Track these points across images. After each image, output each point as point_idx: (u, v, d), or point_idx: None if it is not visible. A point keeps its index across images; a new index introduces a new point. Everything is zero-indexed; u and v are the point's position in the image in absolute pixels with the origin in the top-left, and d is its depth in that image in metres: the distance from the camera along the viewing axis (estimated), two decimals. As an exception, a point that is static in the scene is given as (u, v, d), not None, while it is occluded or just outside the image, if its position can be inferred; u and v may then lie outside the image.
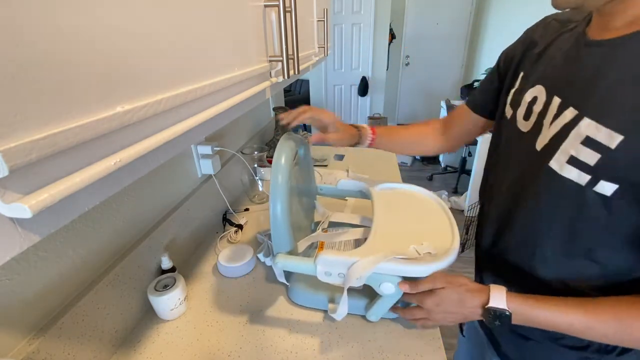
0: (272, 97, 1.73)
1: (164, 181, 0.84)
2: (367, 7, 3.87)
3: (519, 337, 0.59)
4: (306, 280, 0.76)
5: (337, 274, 0.60)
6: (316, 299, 0.75)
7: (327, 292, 0.74)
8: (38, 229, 0.20)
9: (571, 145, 0.43)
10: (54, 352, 0.53)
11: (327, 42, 1.00)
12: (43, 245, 0.52)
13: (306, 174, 0.83)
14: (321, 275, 0.62)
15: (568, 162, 0.44)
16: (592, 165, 0.41)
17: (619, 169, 0.40)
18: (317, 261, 0.61)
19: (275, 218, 0.63)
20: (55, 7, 0.19)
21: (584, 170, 0.42)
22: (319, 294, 0.74)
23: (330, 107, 4.46)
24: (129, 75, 0.24)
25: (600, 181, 0.41)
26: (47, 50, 0.18)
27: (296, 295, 0.77)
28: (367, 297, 0.72)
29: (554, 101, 0.47)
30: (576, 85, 0.45)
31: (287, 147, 0.66)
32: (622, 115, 0.39)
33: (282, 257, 0.64)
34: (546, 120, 0.48)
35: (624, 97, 0.39)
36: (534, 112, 0.51)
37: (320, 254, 0.61)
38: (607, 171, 0.41)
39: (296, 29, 0.55)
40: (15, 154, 0.17)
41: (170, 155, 0.32)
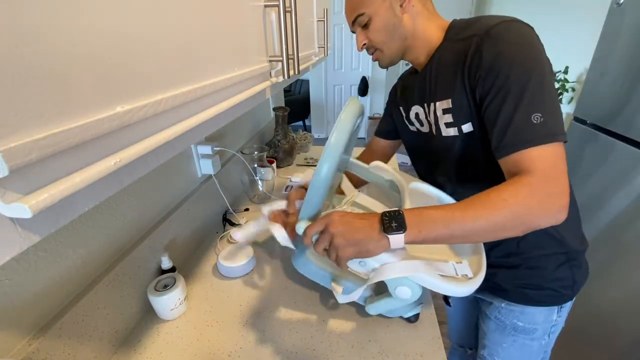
0: (272, 97, 1.73)
1: (164, 181, 0.84)
2: (367, 7, 3.86)
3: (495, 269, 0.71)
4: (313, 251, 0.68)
5: (359, 261, 0.58)
6: (321, 274, 0.71)
7: (335, 271, 0.70)
8: (38, 229, 0.20)
9: (441, 118, 0.66)
10: (54, 352, 0.53)
11: (327, 42, 1.00)
12: (43, 245, 0.52)
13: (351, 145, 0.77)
14: (354, 263, 0.59)
15: (447, 127, 0.66)
16: (452, 121, 0.64)
17: (462, 113, 0.62)
18: None
19: (318, 179, 0.58)
20: (55, 7, 0.19)
21: (452, 126, 0.65)
22: (326, 270, 0.70)
23: (330, 107, 4.46)
24: (129, 75, 0.24)
25: (462, 126, 0.63)
26: (47, 51, 0.18)
27: (301, 264, 0.71)
28: (371, 290, 0.70)
29: (426, 107, 0.71)
30: (425, 93, 0.71)
31: (353, 111, 0.61)
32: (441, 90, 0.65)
33: (305, 224, 0.59)
34: (430, 117, 0.71)
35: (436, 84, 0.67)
36: (422, 119, 0.74)
37: None
38: (459, 118, 0.63)
39: (296, 29, 0.55)
40: (15, 154, 0.17)
41: (170, 155, 0.32)
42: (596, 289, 1.16)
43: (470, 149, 0.66)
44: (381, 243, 0.52)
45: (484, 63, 0.56)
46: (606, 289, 1.13)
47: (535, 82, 0.52)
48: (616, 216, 1.11)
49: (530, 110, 0.52)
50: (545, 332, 0.77)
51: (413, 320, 0.72)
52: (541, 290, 0.72)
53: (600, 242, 1.17)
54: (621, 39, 1.13)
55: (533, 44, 0.54)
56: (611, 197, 1.13)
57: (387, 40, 0.67)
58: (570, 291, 0.73)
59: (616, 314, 1.10)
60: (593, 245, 1.19)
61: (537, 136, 0.52)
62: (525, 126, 0.52)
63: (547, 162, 0.52)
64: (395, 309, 0.69)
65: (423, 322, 0.72)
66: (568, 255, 0.71)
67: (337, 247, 0.53)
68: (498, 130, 0.55)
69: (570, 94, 2.27)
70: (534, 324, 0.75)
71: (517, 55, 0.54)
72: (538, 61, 0.54)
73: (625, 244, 1.07)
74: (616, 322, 1.10)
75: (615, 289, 1.11)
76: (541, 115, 0.52)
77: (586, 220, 1.23)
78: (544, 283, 0.71)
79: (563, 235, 0.68)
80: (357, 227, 0.53)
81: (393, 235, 0.51)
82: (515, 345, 0.79)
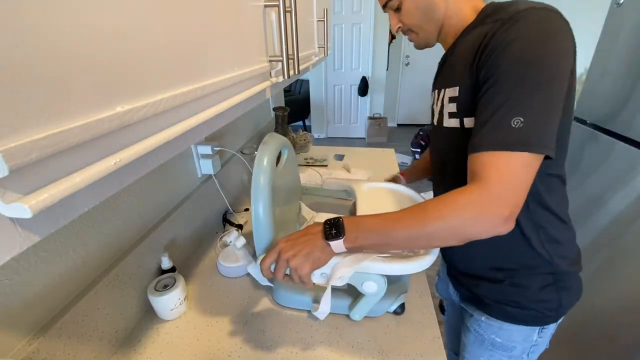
0: (272, 97, 1.73)
1: (164, 181, 0.84)
2: (367, 7, 3.87)
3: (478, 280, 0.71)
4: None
5: (320, 273, 0.60)
6: (300, 299, 0.74)
7: (312, 293, 0.74)
8: (38, 229, 0.20)
9: (446, 107, 0.63)
10: (54, 352, 0.53)
11: (327, 42, 1.00)
12: (43, 245, 0.52)
13: (291, 174, 0.83)
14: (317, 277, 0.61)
15: (449, 117, 0.63)
16: (456, 111, 0.61)
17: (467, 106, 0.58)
18: None
19: (257, 219, 0.63)
20: (54, 7, 0.19)
21: (454, 117, 0.61)
22: (304, 294, 0.74)
23: (330, 107, 4.46)
24: (129, 75, 0.24)
25: (464, 119, 0.59)
26: (47, 51, 0.18)
27: (280, 297, 0.76)
28: (350, 297, 0.72)
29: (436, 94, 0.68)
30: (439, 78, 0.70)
31: (269, 148, 0.67)
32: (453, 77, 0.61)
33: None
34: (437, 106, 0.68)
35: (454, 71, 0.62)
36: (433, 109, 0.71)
37: None
38: (463, 110, 0.59)
39: (296, 29, 0.55)
40: (15, 154, 0.17)
41: (170, 155, 0.32)
42: (596, 289, 1.16)
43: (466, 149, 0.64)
44: (326, 249, 0.55)
45: (491, 49, 0.51)
46: (606, 289, 1.13)
47: (532, 82, 0.48)
48: (616, 216, 1.11)
49: (512, 111, 0.48)
50: (524, 352, 0.73)
51: (399, 312, 0.73)
52: (523, 310, 0.67)
53: (600, 242, 1.17)
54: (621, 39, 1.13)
55: (549, 41, 0.48)
56: (611, 197, 1.13)
57: (421, 22, 0.64)
58: (554, 313, 0.68)
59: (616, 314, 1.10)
60: (593, 245, 1.19)
61: (507, 141, 0.48)
62: (499, 127, 0.48)
63: (505, 171, 0.48)
64: (377, 307, 0.71)
65: (423, 323, 0.72)
66: (556, 276, 0.66)
67: (295, 268, 0.54)
68: (477, 125, 0.52)
69: (570, 94, 2.26)
70: (512, 341, 0.72)
71: (526, 49, 0.48)
72: (547, 61, 0.48)
73: (625, 244, 1.07)
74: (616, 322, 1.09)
75: (615, 289, 1.10)
76: (522, 121, 0.47)
77: (586, 220, 1.23)
78: (526, 302, 0.67)
79: (552, 255, 0.64)
80: (303, 242, 0.55)
81: (333, 241, 0.54)
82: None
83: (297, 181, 0.89)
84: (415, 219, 0.51)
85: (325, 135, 4.63)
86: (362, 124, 4.53)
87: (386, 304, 0.72)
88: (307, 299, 0.74)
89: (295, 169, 0.86)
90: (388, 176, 1.08)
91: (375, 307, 0.70)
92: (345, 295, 0.73)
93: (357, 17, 3.92)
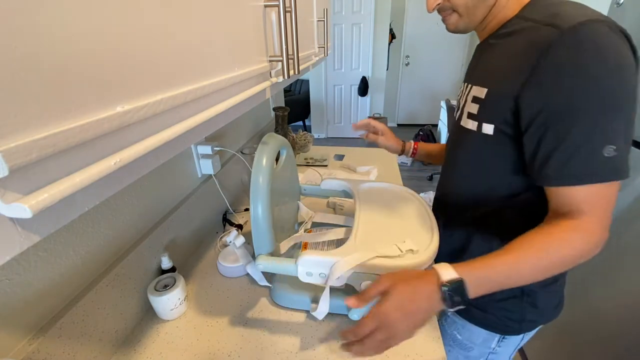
0: (272, 97, 1.73)
1: (164, 181, 0.84)
2: (367, 7, 3.87)
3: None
4: (289, 281, 0.75)
5: (319, 274, 0.60)
6: (299, 300, 0.74)
7: (310, 293, 0.74)
8: (38, 229, 0.20)
9: (467, 106, 0.62)
10: (54, 352, 0.53)
11: (327, 42, 1.00)
12: (43, 245, 0.52)
13: (289, 174, 0.83)
14: (302, 275, 0.62)
15: (468, 117, 0.62)
16: (476, 114, 0.59)
17: (490, 112, 0.57)
18: (299, 262, 0.61)
19: (256, 219, 0.63)
20: (54, 7, 0.19)
21: (473, 119, 0.60)
22: (302, 294, 0.74)
23: (330, 107, 4.46)
24: (129, 75, 0.24)
25: (482, 124, 0.58)
26: (47, 51, 0.18)
27: (279, 297, 0.77)
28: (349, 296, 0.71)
29: (464, 87, 0.66)
30: (471, 71, 0.66)
31: (268, 148, 0.67)
32: (486, 76, 0.59)
33: (263, 259, 0.64)
34: (460, 100, 0.67)
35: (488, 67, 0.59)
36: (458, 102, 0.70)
37: (301, 255, 0.61)
38: (484, 115, 0.58)
39: (296, 29, 0.55)
40: (15, 154, 0.17)
41: (170, 155, 0.32)
42: (596, 289, 1.16)
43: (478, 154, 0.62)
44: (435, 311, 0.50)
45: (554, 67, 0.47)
46: (606, 289, 1.13)
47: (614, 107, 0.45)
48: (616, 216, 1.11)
49: (603, 140, 0.46)
50: (482, 356, 0.74)
51: None
52: (484, 313, 0.68)
53: (600, 242, 1.17)
54: (621, 39, 1.13)
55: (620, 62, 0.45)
56: (611, 197, 1.13)
57: (471, 3, 0.57)
58: (517, 326, 0.67)
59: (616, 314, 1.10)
60: (593, 245, 1.19)
61: (604, 172, 0.47)
62: (593, 158, 0.47)
63: (606, 202, 0.48)
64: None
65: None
66: (524, 289, 0.65)
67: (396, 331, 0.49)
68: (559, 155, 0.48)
69: (570, 94, 2.27)
70: (471, 342, 0.73)
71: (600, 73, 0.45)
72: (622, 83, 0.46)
73: (625, 244, 1.07)
74: (616, 322, 1.09)
75: (615, 289, 1.10)
76: (615, 149, 0.46)
77: (586, 220, 1.23)
78: (488, 307, 0.67)
79: None
80: (414, 311, 0.48)
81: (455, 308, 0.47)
82: (450, 355, 0.77)
83: (295, 181, 0.90)
84: (537, 266, 0.49)
85: (325, 135, 4.63)
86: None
87: None
88: (306, 299, 0.74)
89: (294, 169, 0.87)
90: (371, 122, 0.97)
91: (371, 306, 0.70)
92: (344, 295, 0.71)
93: (357, 17, 3.92)
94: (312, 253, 0.61)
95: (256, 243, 0.65)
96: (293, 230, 0.89)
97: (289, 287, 0.76)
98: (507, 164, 0.58)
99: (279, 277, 0.78)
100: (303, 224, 0.86)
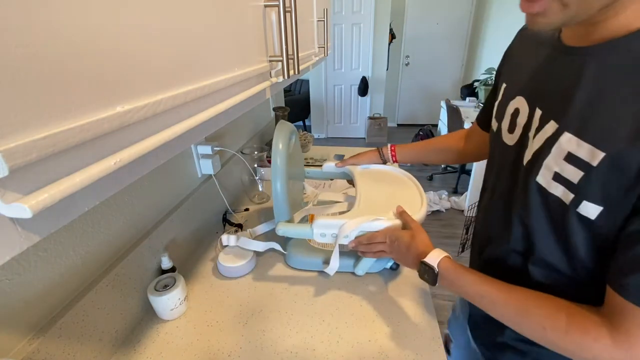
0: (272, 97, 1.73)
1: (164, 181, 0.84)
2: (367, 7, 3.87)
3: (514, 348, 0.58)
4: (301, 245, 0.89)
5: (331, 234, 0.72)
6: (312, 262, 0.86)
7: (322, 255, 0.86)
8: (38, 229, 0.20)
9: (554, 161, 0.42)
10: (54, 352, 0.53)
11: (327, 42, 1.00)
12: (43, 245, 0.52)
13: (297, 158, 0.95)
14: (317, 236, 0.73)
15: (554, 179, 0.43)
16: (576, 184, 0.40)
17: (605, 191, 0.38)
18: (314, 225, 0.72)
19: (276, 193, 0.75)
20: (54, 7, 0.19)
21: (568, 188, 0.41)
22: (314, 257, 0.86)
23: (330, 107, 4.46)
24: (129, 75, 0.24)
25: (583, 201, 0.40)
26: (47, 51, 0.18)
27: (294, 260, 0.88)
28: (354, 257, 0.84)
29: (536, 113, 0.46)
30: (555, 95, 0.44)
31: (284, 133, 0.79)
32: (603, 130, 0.38)
33: (282, 225, 0.76)
34: (531, 133, 0.47)
35: (605, 111, 0.38)
36: (518, 124, 0.50)
37: (316, 219, 0.72)
38: (591, 190, 0.39)
39: (296, 29, 0.55)
40: (15, 154, 0.17)
41: (170, 155, 0.32)
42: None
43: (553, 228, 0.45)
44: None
45: None
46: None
47: None
48: (616, 216, 1.11)
49: None
50: None
51: (395, 267, 0.85)
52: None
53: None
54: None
55: None
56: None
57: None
58: None
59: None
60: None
61: None
62: None
63: None
64: (377, 263, 0.83)
65: (423, 323, 0.72)
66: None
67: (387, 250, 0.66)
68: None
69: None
70: None
71: None
72: None
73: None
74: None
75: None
76: None
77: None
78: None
79: None
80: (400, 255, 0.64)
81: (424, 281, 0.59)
82: None
83: (302, 164, 1.02)
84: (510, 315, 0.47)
85: (325, 135, 4.63)
86: (362, 124, 4.53)
87: (384, 261, 0.84)
88: (318, 260, 0.85)
89: (300, 154, 1.00)
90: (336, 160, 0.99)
91: (375, 264, 0.82)
92: (350, 255, 0.84)
93: (357, 17, 3.92)
94: (324, 217, 0.73)
95: (277, 213, 0.78)
96: (301, 207, 1.00)
97: (303, 250, 0.88)
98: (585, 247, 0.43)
99: (293, 243, 0.89)
100: (310, 202, 1.00)
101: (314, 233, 0.72)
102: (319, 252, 0.87)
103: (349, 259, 0.84)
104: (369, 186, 0.84)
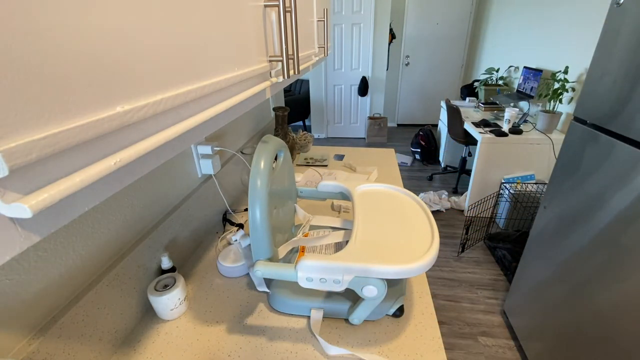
0: (272, 97, 1.73)
1: (164, 181, 0.84)
2: (367, 7, 3.87)
3: None
4: (287, 286, 0.75)
5: (319, 279, 0.59)
6: (298, 305, 0.73)
7: (309, 298, 0.73)
8: (38, 229, 0.20)
9: None
10: (54, 352, 0.53)
11: (327, 42, 1.00)
12: (43, 245, 0.52)
13: (287, 177, 0.83)
14: (302, 281, 0.61)
15: None
16: None
17: None
18: (298, 267, 0.60)
19: (254, 224, 0.62)
20: (55, 7, 0.19)
21: None
22: (301, 300, 0.73)
23: (330, 107, 4.46)
24: (129, 75, 0.24)
25: None
26: (47, 51, 0.18)
27: (277, 303, 0.75)
28: (349, 301, 0.72)
29: None
30: None
31: (266, 151, 0.65)
32: None
33: (261, 265, 0.63)
34: None
35: None
36: None
37: (300, 260, 0.60)
38: None
39: (296, 29, 0.55)
40: (15, 154, 0.17)
41: (170, 155, 0.32)
42: (596, 289, 1.16)
43: None
44: None
45: None
46: (606, 289, 1.13)
47: None
48: (616, 216, 1.11)
49: None
50: None
51: (399, 314, 0.72)
52: None
53: (600, 242, 1.17)
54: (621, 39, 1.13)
55: None
56: (611, 197, 1.13)
57: None
58: None
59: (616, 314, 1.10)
60: (593, 245, 1.19)
61: None
62: None
63: None
64: (377, 310, 0.70)
65: (423, 323, 0.72)
66: None
67: None
68: None
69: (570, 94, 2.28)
70: None
71: None
72: None
73: (625, 244, 1.07)
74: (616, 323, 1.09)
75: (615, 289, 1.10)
76: None
77: (586, 220, 1.23)
78: None
79: None
80: None
81: None
82: None
83: (292, 184, 0.88)
84: None
85: (325, 135, 4.63)
86: (362, 124, 4.53)
87: (385, 307, 0.71)
88: (305, 304, 0.73)
89: (291, 171, 0.86)
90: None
91: (374, 311, 0.70)
92: (344, 299, 0.72)
93: (357, 17, 3.92)
94: (311, 257, 0.60)
95: (254, 246, 0.64)
96: (290, 232, 0.88)
97: (289, 292, 0.74)
98: None
99: (276, 283, 0.77)
100: (301, 227, 0.85)
101: (299, 277, 0.61)
102: (308, 294, 0.73)
103: (343, 304, 0.71)
104: (369, 213, 0.72)
